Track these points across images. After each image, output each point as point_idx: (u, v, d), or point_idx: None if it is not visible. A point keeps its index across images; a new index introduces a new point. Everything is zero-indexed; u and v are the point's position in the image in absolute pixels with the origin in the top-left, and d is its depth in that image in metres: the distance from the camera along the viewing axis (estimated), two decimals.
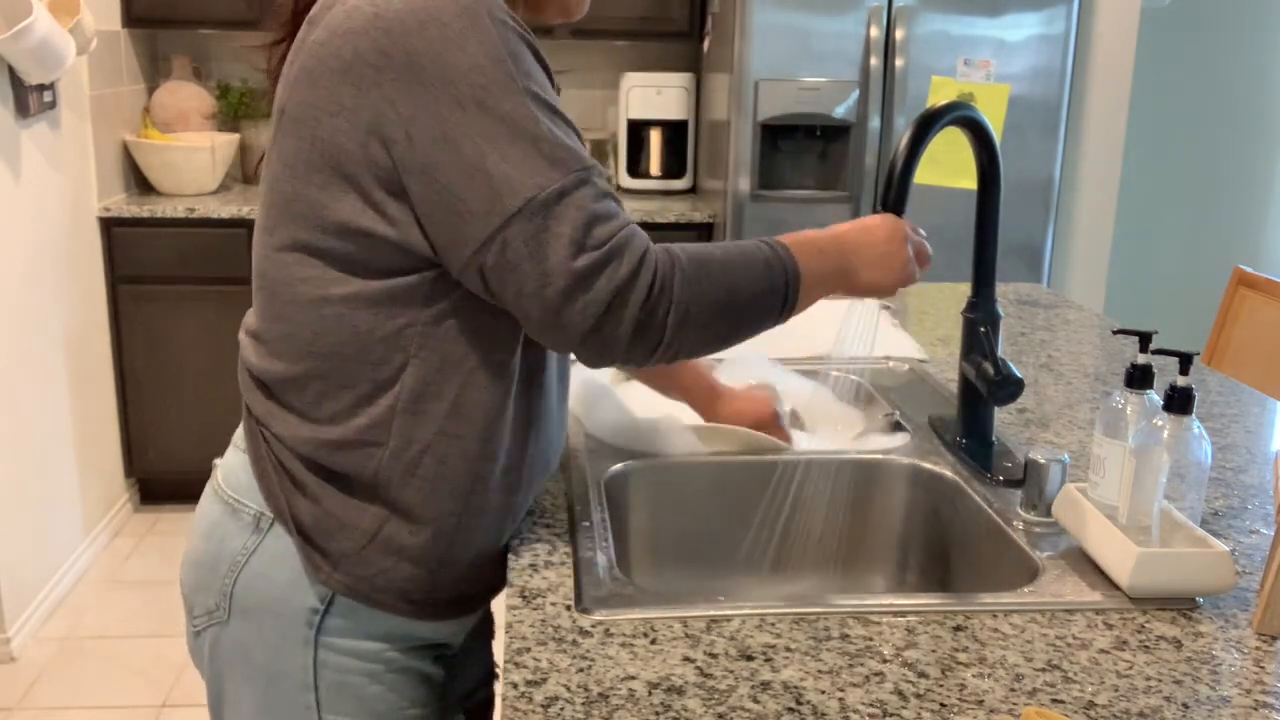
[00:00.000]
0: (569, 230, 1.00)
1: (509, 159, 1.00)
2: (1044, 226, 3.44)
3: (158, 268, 3.55)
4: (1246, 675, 1.04)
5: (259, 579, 1.16)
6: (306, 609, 1.15)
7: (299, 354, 1.12)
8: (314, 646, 1.16)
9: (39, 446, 3.12)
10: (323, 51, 1.04)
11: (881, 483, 1.54)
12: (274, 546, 1.15)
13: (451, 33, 0.99)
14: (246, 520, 1.17)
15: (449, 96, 0.99)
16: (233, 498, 1.18)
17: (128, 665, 2.93)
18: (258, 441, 1.17)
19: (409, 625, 1.19)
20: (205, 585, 1.20)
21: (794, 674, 1.02)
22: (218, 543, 1.18)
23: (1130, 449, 1.19)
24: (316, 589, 1.15)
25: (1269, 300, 2.42)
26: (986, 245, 1.45)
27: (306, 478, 1.14)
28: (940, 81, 3.26)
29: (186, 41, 3.96)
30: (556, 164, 1.01)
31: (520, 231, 1.00)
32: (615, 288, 1.02)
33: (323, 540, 1.14)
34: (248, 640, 1.18)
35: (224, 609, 1.18)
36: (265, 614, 1.16)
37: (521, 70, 1.02)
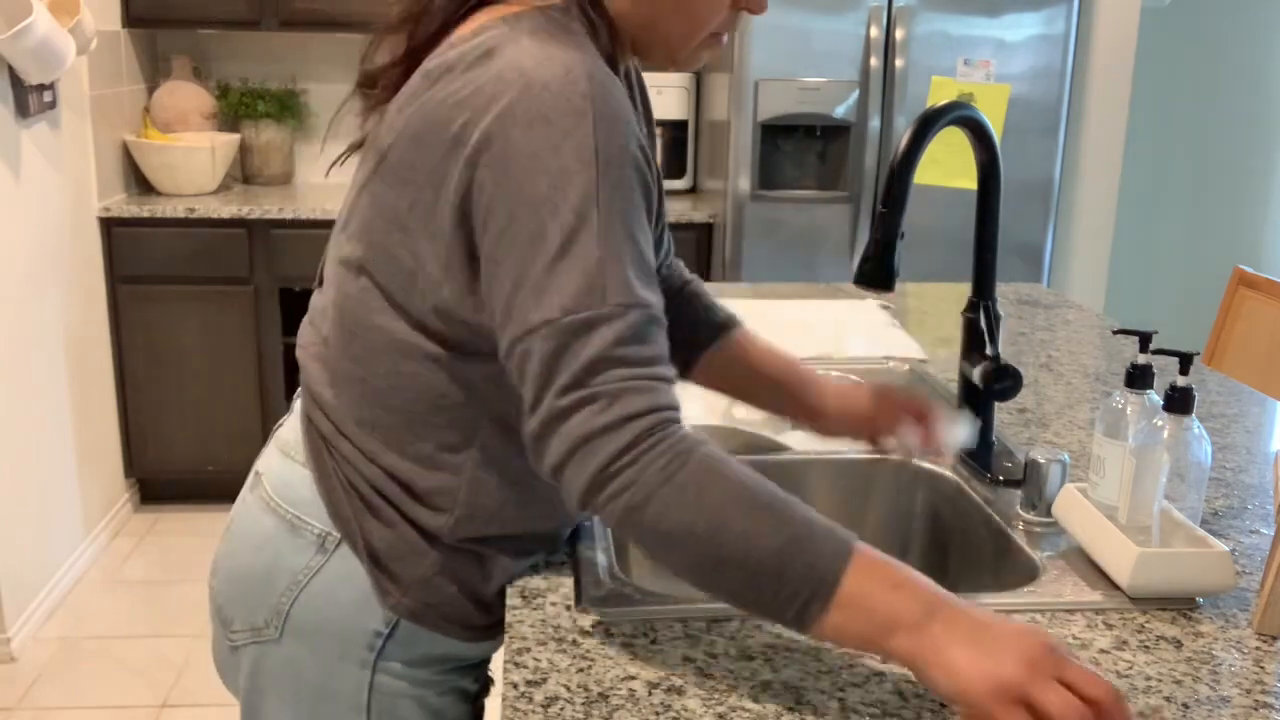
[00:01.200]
0: (578, 364, 0.93)
1: (557, 272, 0.94)
2: (1044, 226, 3.44)
3: (158, 268, 3.55)
4: (1246, 675, 1.04)
5: (321, 600, 1.13)
6: (370, 632, 1.13)
7: (370, 400, 1.11)
8: (371, 669, 1.14)
9: (39, 446, 3.12)
10: (435, 114, 1.01)
11: (881, 483, 1.54)
12: (340, 568, 1.12)
13: (552, 132, 0.95)
14: (310, 539, 1.13)
15: (527, 195, 0.95)
16: (292, 514, 1.14)
17: (127, 665, 2.93)
18: (323, 459, 1.14)
19: (463, 647, 1.18)
20: (253, 601, 1.16)
21: (794, 674, 1.02)
22: (272, 558, 1.15)
23: (1130, 449, 1.19)
24: (382, 613, 1.13)
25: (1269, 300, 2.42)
26: (986, 245, 1.45)
27: (379, 503, 1.12)
28: (940, 81, 3.26)
29: (186, 41, 3.96)
30: (597, 292, 0.94)
31: (535, 348, 0.95)
32: (585, 434, 0.92)
33: (393, 564, 1.12)
34: (299, 660, 1.15)
35: (275, 627, 1.15)
36: (324, 635, 1.14)
37: (615, 181, 0.96)
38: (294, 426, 1.18)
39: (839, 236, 3.38)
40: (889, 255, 1.31)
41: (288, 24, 3.64)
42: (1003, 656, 0.85)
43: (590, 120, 0.95)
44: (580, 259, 0.94)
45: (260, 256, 3.56)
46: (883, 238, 1.31)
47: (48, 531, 3.16)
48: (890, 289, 1.33)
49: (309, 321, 1.19)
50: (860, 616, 0.90)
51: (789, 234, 3.37)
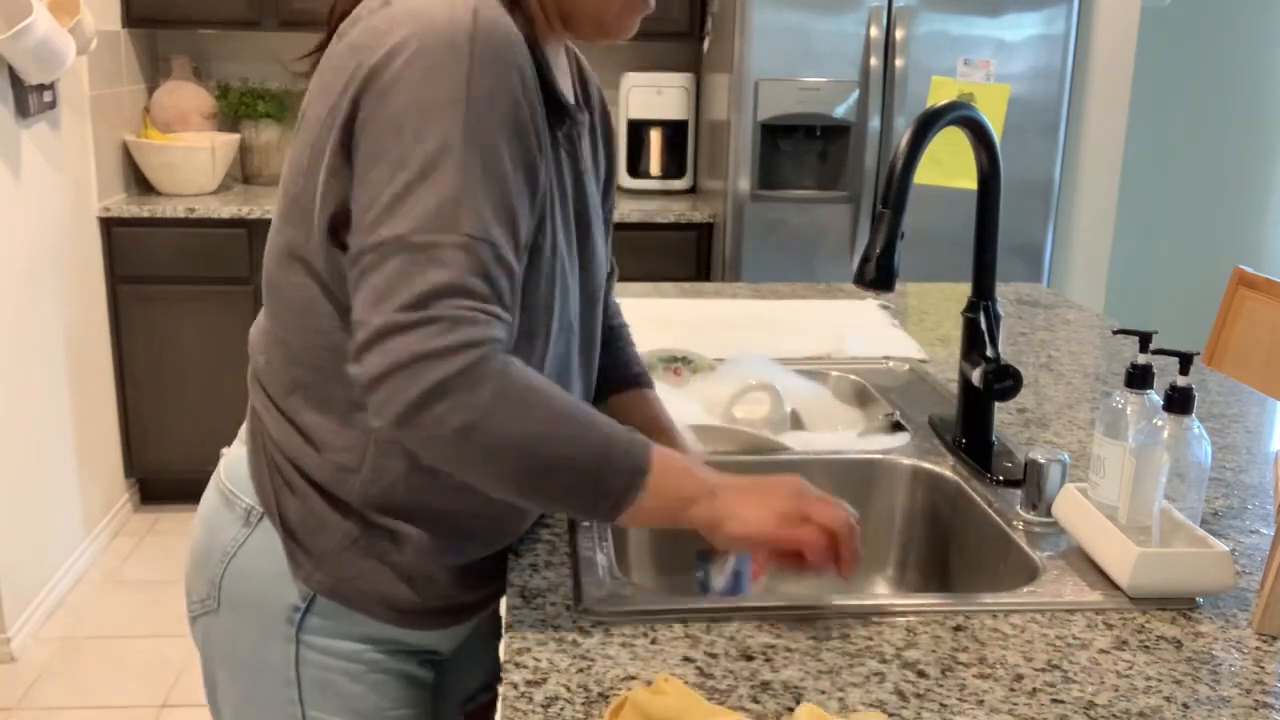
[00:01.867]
0: (416, 285, 0.96)
1: (413, 195, 0.98)
2: (1044, 226, 3.44)
3: (158, 268, 3.55)
4: (1246, 675, 1.04)
5: (245, 573, 1.17)
6: (288, 605, 1.16)
7: (289, 360, 1.14)
8: (295, 643, 1.16)
9: (39, 446, 3.12)
10: (338, 64, 1.06)
11: (881, 483, 1.55)
12: (261, 541, 1.16)
13: (427, 63, 0.99)
14: (239, 512, 1.18)
15: (396, 121, 0.99)
16: (229, 489, 1.19)
17: (128, 665, 2.93)
18: (255, 435, 1.18)
19: (392, 630, 1.19)
20: (198, 573, 1.21)
21: (794, 674, 1.02)
22: (211, 533, 1.20)
23: (1130, 449, 1.19)
24: (299, 586, 1.15)
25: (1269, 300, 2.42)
26: (986, 245, 1.45)
27: (294, 477, 1.15)
28: (940, 81, 3.26)
29: (186, 41, 3.96)
30: (449, 219, 0.98)
31: (380, 262, 0.98)
32: (415, 353, 0.95)
33: (306, 538, 1.15)
34: (234, 631, 1.19)
35: (214, 599, 1.19)
36: (250, 607, 1.17)
37: (487, 119, 0.99)
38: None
39: (839, 236, 3.38)
40: (889, 256, 1.31)
41: (288, 24, 3.64)
42: (775, 498, 1.08)
43: (467, 56, 0.99)
44: (438, 185, 0.98)
45: (260, 256, 3.53)
46: (883, 238, 1.31)
47: (48, 531, 3.17)
48: (890, 289, 1.33)
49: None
50: (663, 499, 1.05)
51: (789, 234, 3.37)
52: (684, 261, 3.64)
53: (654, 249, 3.60)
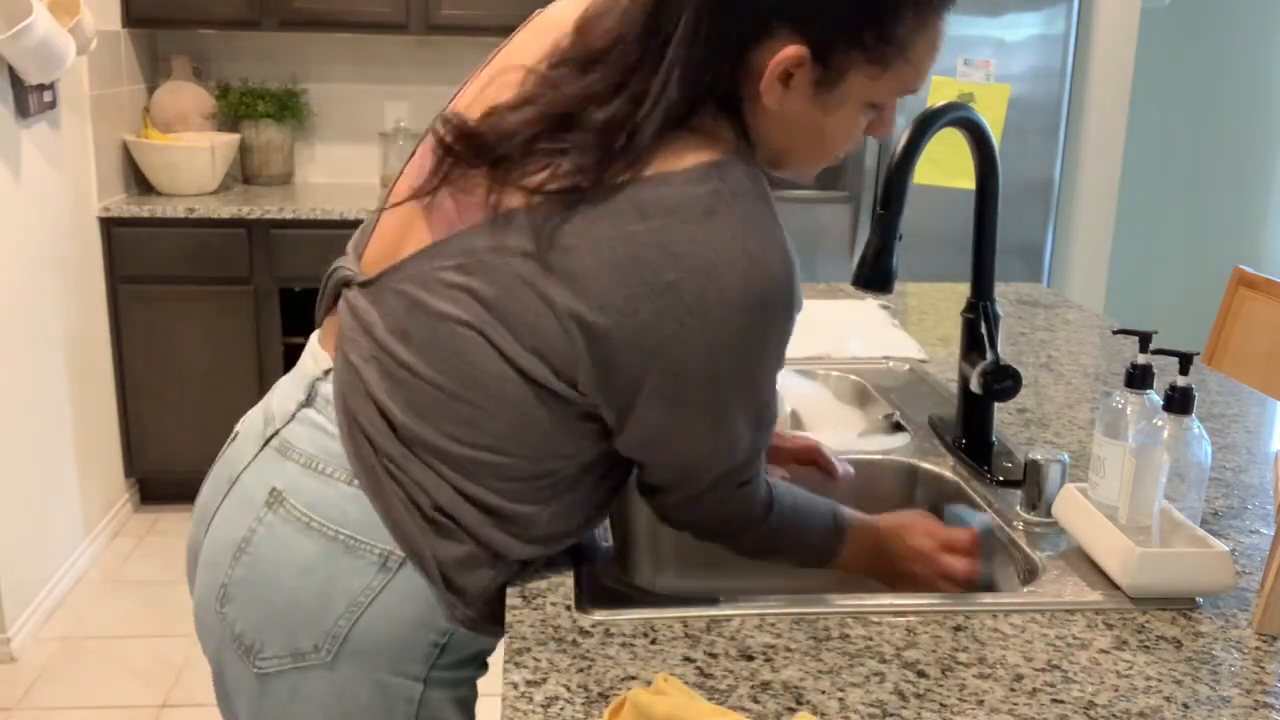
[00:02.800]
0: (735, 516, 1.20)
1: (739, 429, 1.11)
2: (1044, 226, 3.44)
3: (158, 268, 3.55)
4: (1246, 675, 1.04)
5: (382, 619, 1.11)
6: (428, 644, 1.14)
7: (474, 437, 1.09)
8: (424, 682, 1.15)
9: (39, 446, 3.12)
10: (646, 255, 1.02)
11: (881, 483, 1.54)
12: (404, 586, 1.11)
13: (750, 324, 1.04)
14: (370, 559, 1.10)
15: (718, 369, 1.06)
16: (345, 534, 1.11)
17: (128, 665, 2.93)
18: (379, 477, 1.11)
19: (486, 642, 1.19)
20: (296, 626, 1.11)
21: (794, 674, 1.02)
22: (323, 581, 1.10)
23: (1130, 449, 1.19)
24: (440, 624, 1.13)
25: (1269, 300, 2.42)
26: (986, 245, 1.45)
27: (446, 523, 1.11)
28: (940, 81, 3.26)
29: (186, 41, 3.96)
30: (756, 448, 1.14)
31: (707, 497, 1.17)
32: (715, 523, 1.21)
33: (461, 579, 1.12)
34: (354, 680, 1.12)
35: (328, 650, 1.11)
36: (381, 653, 1.12)
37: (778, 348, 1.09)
38: (312, 440, 1.14)
39: (839, 236, 3.38)
40: (887, 257, 1.31)
41: (288, 24, 3.64)
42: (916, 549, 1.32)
43: (793, 315, 1.07)
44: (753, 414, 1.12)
45: (260, 256, 3.56)
46: (881, 239, 1.31)
47: (48, 531, 3.16)
48: (888, 291, 1.33)
49: (363, 330, 1.12)
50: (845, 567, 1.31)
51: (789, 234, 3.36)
52: None
53: None
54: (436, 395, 1.08)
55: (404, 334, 1.09)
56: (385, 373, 1.10)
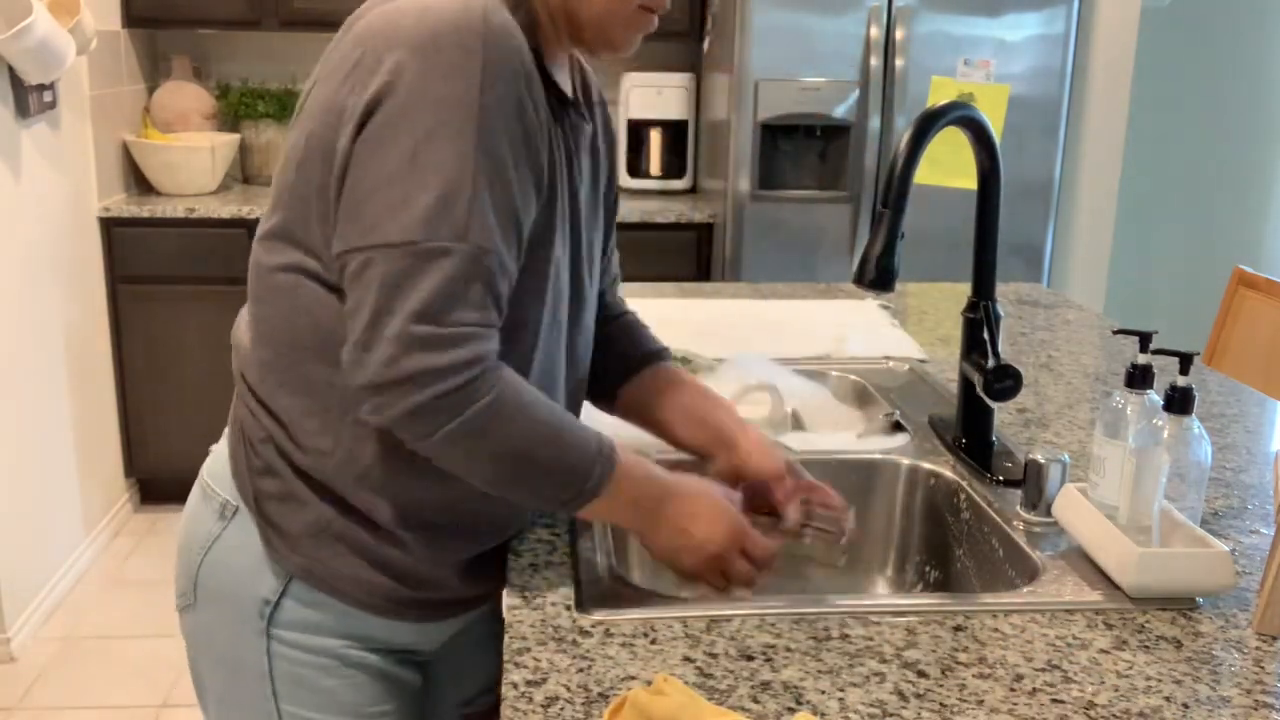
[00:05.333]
0: (428, 295, 1.00)
1: (419, 196, 0.99)
2: (1044, 226, 3.44)
3: (158, 268, 3.55)
4: (1246, 675, 1.04)
5: (219, 567, 1.19)
6: (259, 599, 1.17)
7: (269, 339, 1.14)
8: (266, 637, 1.17)
9: (39, 446, 3.12)
10: (342, 55, 1.07)
11: (881, 483, 1.55)
12: (235, 536, 1.17)
13: (440, 61, 1.00)
14: (214, 507, 1.19)
15: (409, 116, 1.00)
16: (207, 484, 1.21)
17: (128, 665, 2.93)
18: (235, 421, 1.20)
19: (365, 624, 1.18)
20: (180, 568, 1.23)
21: (794, 674, 1.02)
22: (190, 528, 1.22)
23: (1130, 449, 1.19)
24: (270, 580, 1.16)
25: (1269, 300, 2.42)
26: (986, 245, 1.45)
27: (272, 458, 1.16)
28: (940, 81, 3.26)
29: (186, 41, 3.96)
30: (457, 226, 1.00)
31: (385, 263, 1.00)
32: (425, 369, 1.00)
33: (282, 520, 1.15)
34: (212, 626, 1.21)
35: (191, 594, 1.21)
36: (225, 601, 1.19)
37: (493, 126, 1.01)
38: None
39: (839, 236, 3.38)
40: (889, 256, 1.31)
41: (288, 24, 3.64)
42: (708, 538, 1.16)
43: (479, 60, 1.00)
44: (447, 189, 0.99)
45: None
46: (883, 238, 1.31)
47: (48, 531, 3.16)
48: (890, 289, 1.33)
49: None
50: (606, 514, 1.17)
51: (789, 234, 3.37)
52: (684, 261, 3.63)
53: (654, 249, 3.59)
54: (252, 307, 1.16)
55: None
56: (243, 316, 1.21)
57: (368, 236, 1.01)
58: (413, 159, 0.99)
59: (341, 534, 1.15)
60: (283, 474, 1.15)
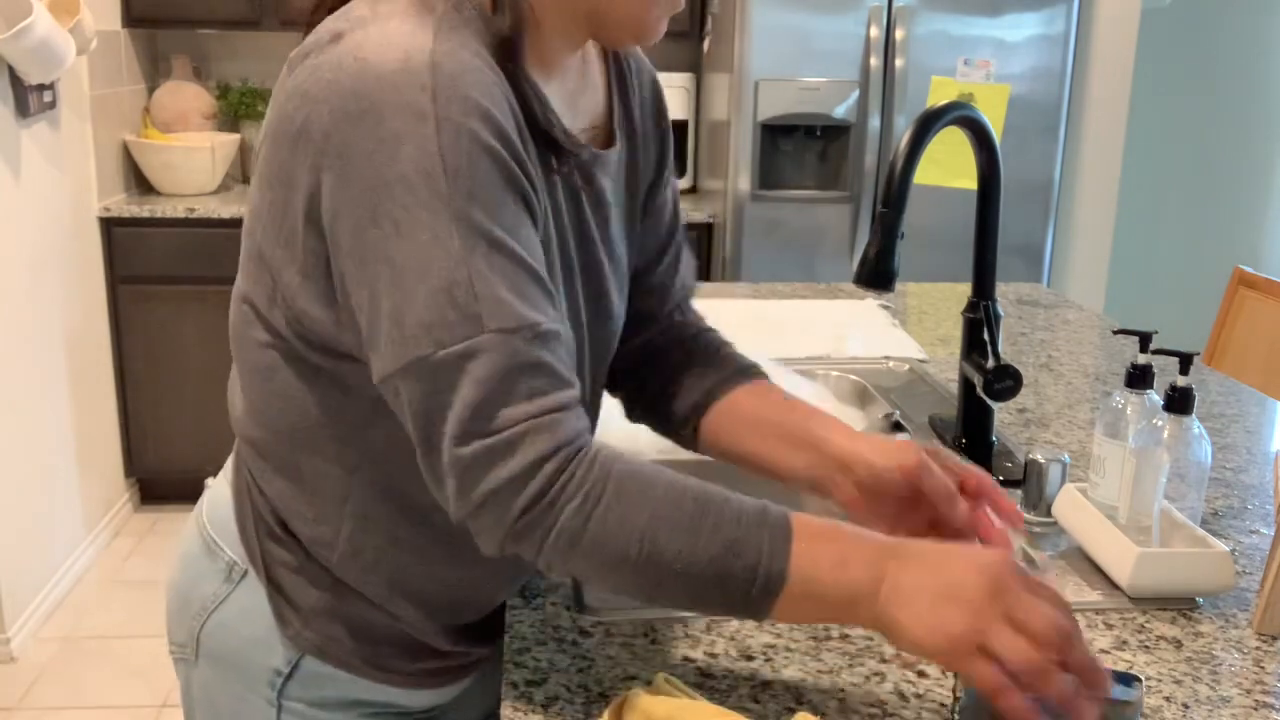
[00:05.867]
0: (461, 409, 0.84)
1: (411, 301, 0.84)
2: (1044, 226, 3.44)
3: (158, 268, 3.55)
4: (1246, 675, 1.04)
5: (226, 630, 1.08)
6: (270, 669, 1.07)
7: (254, 420, 1.04)
8: (277, 708, 1.08)
9: (39, 446, 3.12)
10: (284, 110, 0.92)
11: None
12: (244, 600, 1.07)
13: (385, 132, 0.83)
14: (221, 566, 1.08)
15: (367, 206, 0.84)
16: (210, 535, 1.09)
17: (128, 665, 2.93)
18: (241, 475, 1.08)
19: (381, 693, 1.10)
20: (176, 618, 1.13)
21: (794, 674, 1.02)
22: (192, 580, 1.11)
23: (1130, 449, 1.19)
24: (282, 651, 1.06)
25: (1269, 300, 2.42)
26: (986, 245, 1.45)
27: (275, 525, 1.06)
28: (940, 81, 3.26)
29: (186, 41, 3.96)
30: (465, 319, 0.83)
31: (408, 390, 0.85)
32: (495, 489, 0.84)
33: (293, 593, 1.05)
34: (213, 686, 1.12)
35: (192, 649, 1.12)
36: (230, 666, 1.09)
37: (461, 190, 0.84)
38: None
39: (839, 236, 3.38)
40: (889, 255, 1.31)
41: (288, 24, 3.64)
42: (950, 611, 0.82)
43: (432, 122, 0.83)
44: (439, 282, 0.83)
45: None
46: (882, 238, 1.31)
47: (48, 531, 3.16)
48: (889, 289, 1.33)
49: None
50: (813, 603, 0.87)
51: (789, 234, 3.37)
52: None
53: None
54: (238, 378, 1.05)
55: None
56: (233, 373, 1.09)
57: (385, 366, 0.86)
58: (389, 261, 0.84)
59: (359, 616, 1.06)
60: (294, 550, 1.05)
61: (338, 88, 0.86)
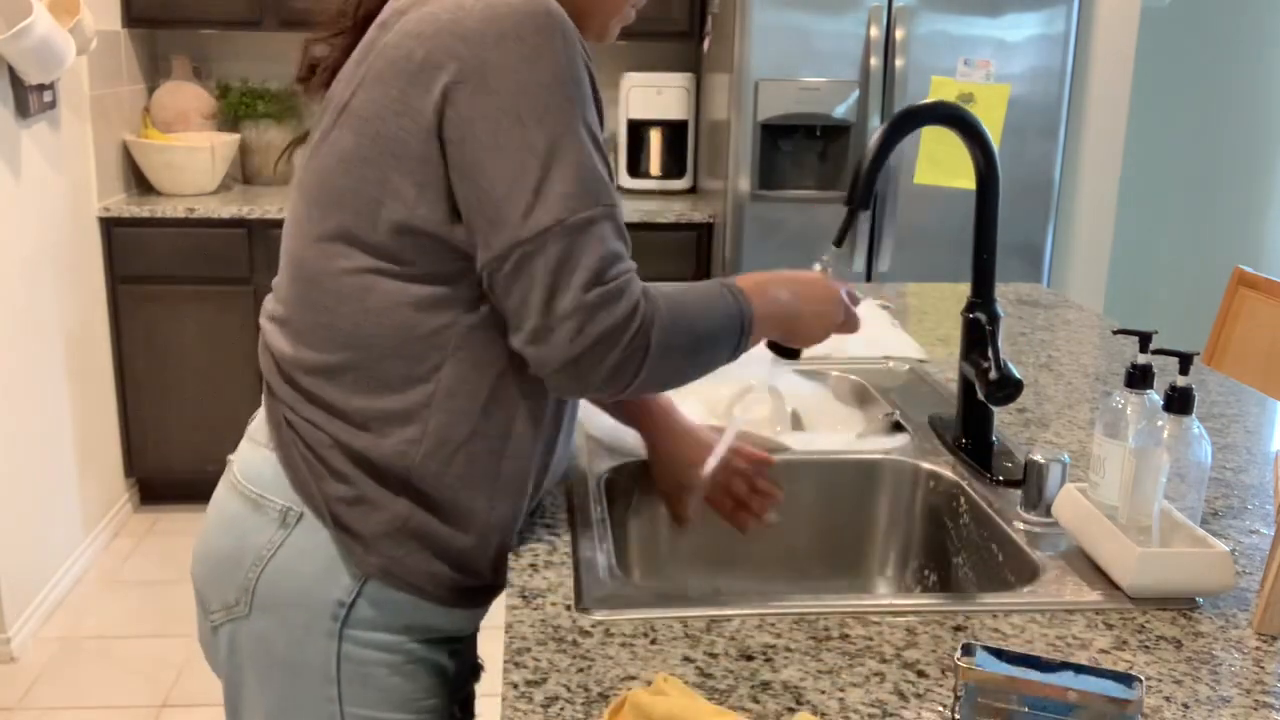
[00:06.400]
0: (591, 261, 1.06)
1: (551, 179, 1.05)
2: (1044, 226, 3.44)
3: (158, 268, 3.55)
4: (1246, 675, 1.04)
5: (284, 574, 1.17)
6: (333, 601, 1.17)
7: (336, 344, 1.15)
8: (338, 639, 1.17)
9: (39, 446, 3.12)
10: (395, 54, 1.08)
11: (881, 483, 1.55)
12: (301, 541, 1.17)
13: (527, 49, 1.04)
14: (273, 515, 1.18)
15: (511, 108, 1.04)
16: (256, 493, 1.19)
17: (128, 665, 2.93)
18: (283, 429, 1.19)
19: (430, 615, 1.21)
20: (224, 580, 1.21)
21: (794, 674, 1.02)
22: (238, 538, 1.19)
23: (1130, 449, 1.19)
24: (343, 581, 1.17)
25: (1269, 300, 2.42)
26: (986, 245, 1.45)
27: (339, 461, 1.16)
28: (940, 81, 3.26)
29: (186, 41, 3.96)
30: (591, 194, 1.07)
31: (544, 248, 1.05)
32: (610, 326, 1.07)
33: (356, 522, 1.16)
34: (270, 633, 1.19)
35: (245, 603, 1.19)
36: (290, 608, 1.18)
37: (581, 97, 1.07)
38: (262, 417, 1.23)
39: None
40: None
41: (288, 24, 3.64)
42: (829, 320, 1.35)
43: (560, 38, 1.06)
44: (571, 165, 1.06)
45: (260, 256, 3.56)
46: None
47: (48, 531, 3.16)
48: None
49: (271, 297, 1.25)
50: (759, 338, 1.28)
51: (789, 234, 3.37)
52: (684, 261, 3.63)
53: (654, 249, 3.59)
54: (302, 316, 1.17)
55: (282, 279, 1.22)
56: (277, 318, 1.21)
57: (520, 232, 1.05)
58: (531, 147, 1.04)
59: (416, 530, 1.17)
60: (353, 478, 1.16)
61: (465, 23, 1.05)
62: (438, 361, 1.14)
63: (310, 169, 1.17)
